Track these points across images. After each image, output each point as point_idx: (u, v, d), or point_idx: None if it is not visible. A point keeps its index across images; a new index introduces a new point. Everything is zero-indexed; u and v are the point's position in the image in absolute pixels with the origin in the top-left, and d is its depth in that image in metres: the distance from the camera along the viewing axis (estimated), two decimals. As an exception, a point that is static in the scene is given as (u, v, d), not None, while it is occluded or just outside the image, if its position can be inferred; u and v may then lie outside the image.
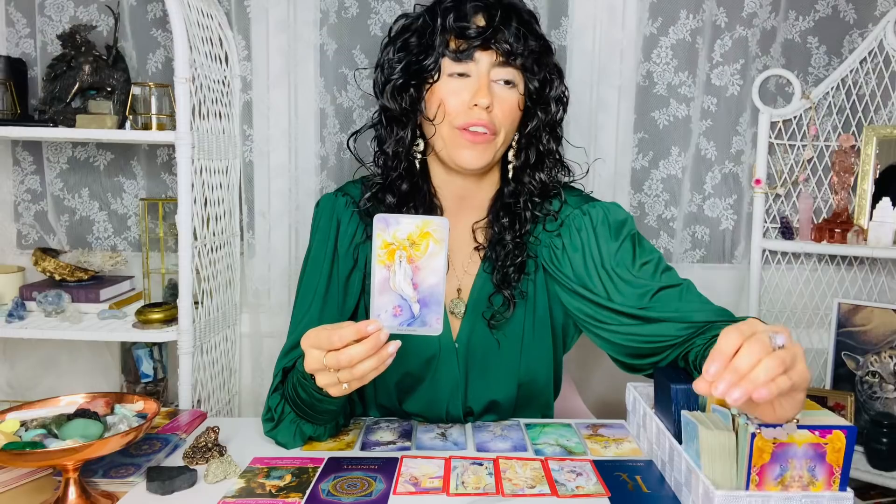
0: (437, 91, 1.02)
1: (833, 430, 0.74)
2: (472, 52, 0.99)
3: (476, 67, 1.00)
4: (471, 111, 0.99)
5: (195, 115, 1.40)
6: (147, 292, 1.66)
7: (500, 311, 1.08)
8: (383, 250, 0.80)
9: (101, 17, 1.67)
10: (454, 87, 1.01)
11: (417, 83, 1.03)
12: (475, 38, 0.98)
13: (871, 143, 1.59)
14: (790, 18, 1.64)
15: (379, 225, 0.80)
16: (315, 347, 0.83)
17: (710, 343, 0.89)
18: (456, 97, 1.00)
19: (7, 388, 1.78)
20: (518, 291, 1.08)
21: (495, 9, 0.99)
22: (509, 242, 1.07)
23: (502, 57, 0.99)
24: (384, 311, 0.81)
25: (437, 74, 1.01)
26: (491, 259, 1.09)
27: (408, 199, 1.08)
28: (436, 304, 0.81)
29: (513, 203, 1.08)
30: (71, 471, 0.82)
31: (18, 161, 1.74)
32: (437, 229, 0.80)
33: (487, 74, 1.00)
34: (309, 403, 0.94)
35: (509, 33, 0.99)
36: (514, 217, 1.08)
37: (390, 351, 0.81)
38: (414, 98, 1.04)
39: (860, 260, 1.67)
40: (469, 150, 1.01)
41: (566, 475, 0.93)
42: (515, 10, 1.02)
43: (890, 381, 1.52)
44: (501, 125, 1.01)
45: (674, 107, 1.66)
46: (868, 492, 1.52)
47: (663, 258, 1.08)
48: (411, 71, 1.03)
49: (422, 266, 0.80)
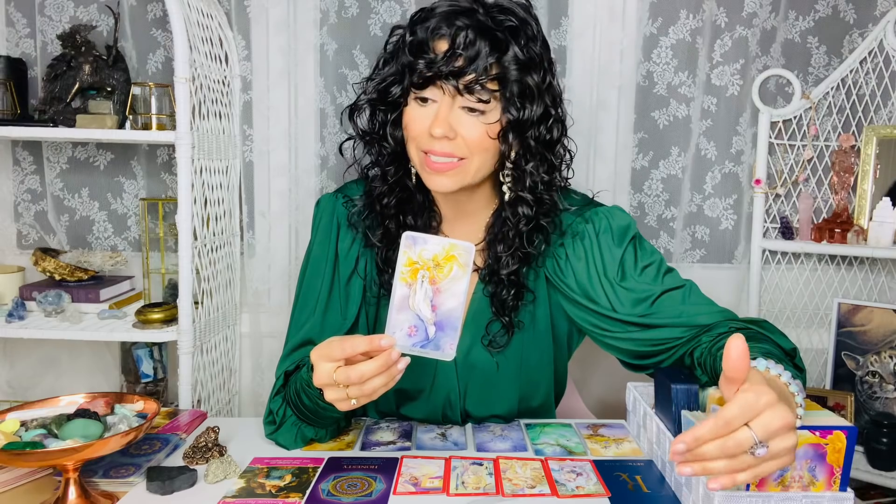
0: (405, 115, 0.99)
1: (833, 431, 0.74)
2: (429, 81, 0.94)
3: (440, 93, 0.94)
4: (431, 139, 0.95)
5: (195, 115, 1.39)
6: (147, 292, 1.66)
7: (498, 337, 1.06)
8: (407, 268, 0.79)
9: (101, 17, 1.67)
10: (419, 113, 0.97)
11: (390, 109, 1.01)
12: (426, 69, 0.93)
13: (871, 143, 1.59)
14: (790, 18, 1.64)
15: (406, 242, 0.80)
16: (326, 359, 0.81)
17: (716, 341, 0.89)
18: (418, 123, 0.96)
19: (7, 388, 1.78)
20: (517, 321, 1.06)
21: (460, 31, 0.92)
22: (504, 278, 1.04)
23: (456, 90, 0.93)
24: (399, 329, 0.80)
25: (405, 99, 0.98)
26: (487, 283, 1.06)
27: (404, 210, 1.06)
28: (452, 329, 0.80)
29: (507, 232, 1.03)
30: (71, 471, 0.82)
31: (18, 161, 1.74)
32: (462, 254, 0.80)
33: (450, 104, 0.94)
34: (312, 410, 0.94)
35: (472, 61, 0.91)
36: (508, 248, 1.03)
37: (400, 368, 0.80)
38: (392, 123, 1.01)
39: (860, 260, 1.67)
40: (435, 177, 0.97)
41: (566, 475, 0.93)
42: (487, 34, 0.92)
43: (890, 381, 1.52)
44: (472, 152, 0.95)
45: (674, 107, 1.66)
46: (868, 492, 1.52)
47: (664, 260, 1.07)
48: (382, 97, 1.00)
49: (443, 289, 0.80)
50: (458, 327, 0.80)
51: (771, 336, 0.87)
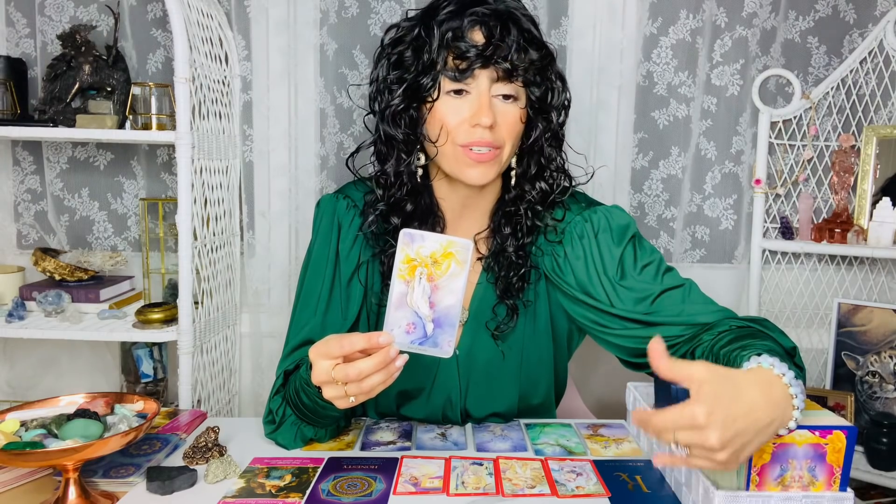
0: (437, 110, 0.98)
1: (833, 431, 0.74)
2: (472, 71, 0.95)
3: (476, 84, 0.96)
4: (473, 130, 0.96)
5: (195, 115, 1.39)
6: (147, 292, 1.66)
7: (504, 321, 1.07)
8: (405, 265, 0.80)
9: (101, 17, 1.67)
10: (454, 105, 0.97)
11: (417, 104, 1.00)
12: (474, 58, 0.94)
13: (871, 143, 1.59)
14: (790, 18, 1.64)
15: (404, 240, 0.80)
16: (324, 357, 0.82)
17: (717, 339, 0.89)
18: (456, 115, 0.97)
19: (7, 388, 1.78)
20: (521, 301, 1.07)
21: (494, 21, 0.94)
22: (511, 253, 1.05)
23: (503, 73, 0.95)
24: (397, 326, 0.80)
25: (437, 93, 0.97)
26: (493, 269, 1.07)
27: (413, 214, 1.05)
28: (449, 327, 0.80)
29: (514, 212, 1.06)
30: (71, 471, 0.82)
31: (18, 161, 1.74)
32: (460, 251, 0.80)
33: (488, 91, 0.96)
34: (312, 409, 0.94)
35: (509, 47, 0.95)
36: (515, 227, 1.06)
37: (398, 365, 0.80)
38: (415, 119, 1.00)
39: (860, 260, 1.67)
40: (475, 168, 0.98)
41: (566, 475, 0.93)
42: (515, 21, 0.96)
43: (890, 381, 1.52)
44: (506, 140, 0.98)
45: (674, 107, 1.66)
46: (868, 492, 1.52)
47: (664, 259, 1.07)
48: (410, 92, 0.98)
49: (441, 286, 0.80)
50: (456, 324, 0.81)
51: (771, 334, 0.87)
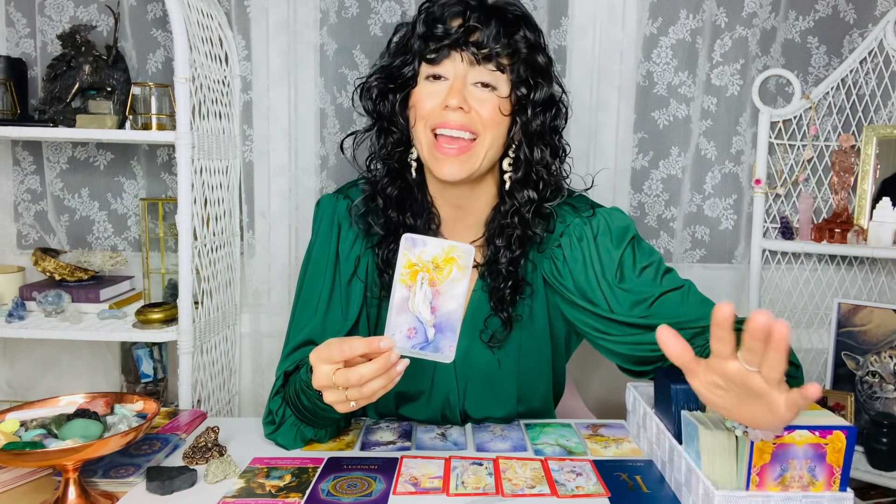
0: (414, 94, 1.00)
1: (833, 431, 0.74)
2: (446, 54, 0.96)
3: (452, 68, 0.97)
4: (443, 112, 0.96)
5: (195, 115, 1.40)
6: (147, 292, 1.66)
7: (498, 332, 1.06)
8: (406, 269, 0.79)
9: (101, 17, 1.67)
10: (430, 90, 0.98)
11: (399, 89, 1.01)
12: (444, 37, 0.95)
13: (871, 143, 1.59)
14: (790, 18, 1.64)
15: (406, 244, 0.79)
16: (325, 361, 0.81)
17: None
18: (431, 100, 0.97)
19: (7, 388, 1.78)
20: (515, 315, 1.06)
21: (476, 12, 0.96)
22: (503, 267, 1.04)
23: (474, 57, 0.95)
24: (399, 331, 0.80)
25: (415, 80, 0.99)
26: (486, 279, 1.06)
27: (404, 207, 1.05)
28: (451, 332, 0.80)
29: (507, 224, 1.03)
30: (71, 471, 0.82)
31: (18, 161, 1.74)
32: (462, 256, 0.80)
33: (463, 77, 0.96)
34: (311, 411, 0.94)
35: (486, 34, 0.95)
36: (508, 240, 1.04)
37: (399, 370, 0.80)
38: (400, 105, 1.02)
39: (860, 260, 1.67)
40: (446, 164, 0.97)
41: (566, 475, 0.93)
42: (498, 12, 0.97)
43: (890, 381, 1.52)
44: (484, 128, 0.97)
45: (674, 107, 1.66)
46: (868, 492, 1.52)
47: (663, 260, 1.06)
48: (392, 76, 1.01)
49: (442, 291, 0.80)
50: (458, 329, 0.80)
51: None
